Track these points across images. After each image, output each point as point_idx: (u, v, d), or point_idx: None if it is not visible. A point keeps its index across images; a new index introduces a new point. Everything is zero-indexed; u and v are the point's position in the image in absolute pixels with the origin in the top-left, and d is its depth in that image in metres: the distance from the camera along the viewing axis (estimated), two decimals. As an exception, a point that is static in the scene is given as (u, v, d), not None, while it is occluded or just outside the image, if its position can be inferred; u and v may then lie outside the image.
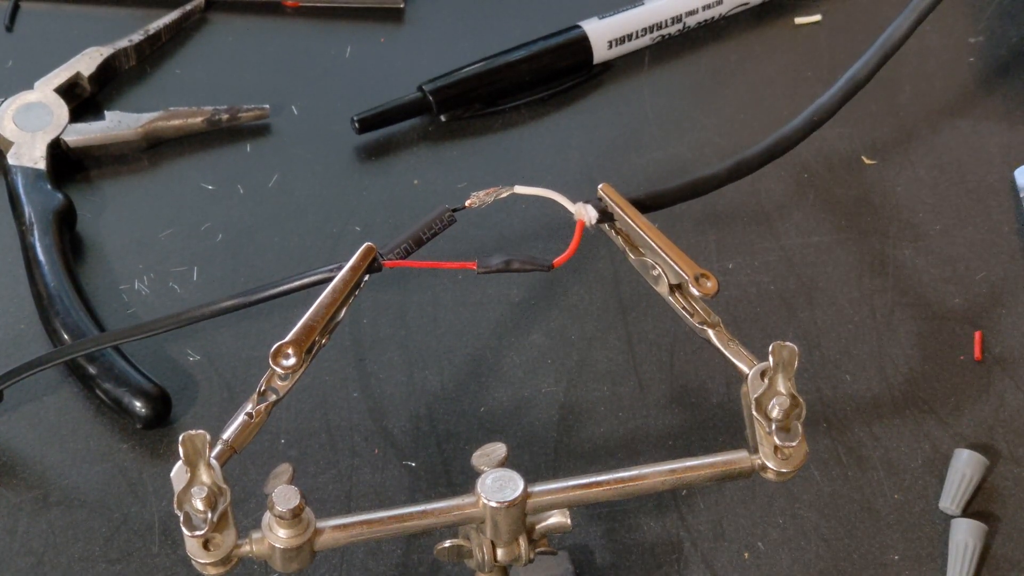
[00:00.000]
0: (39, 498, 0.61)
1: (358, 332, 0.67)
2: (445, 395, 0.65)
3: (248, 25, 0.80)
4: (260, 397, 0.53)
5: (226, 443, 0.51)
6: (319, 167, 0.74)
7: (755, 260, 0.70)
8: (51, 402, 0.64)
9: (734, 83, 0.78)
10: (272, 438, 0.63)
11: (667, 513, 0.61)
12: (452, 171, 0.73)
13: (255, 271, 0.69)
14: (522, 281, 0.69)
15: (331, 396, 0.64)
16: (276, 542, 0.48)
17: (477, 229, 0.70)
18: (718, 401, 0.64)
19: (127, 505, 0.61)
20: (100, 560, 0.59)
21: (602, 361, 0.66)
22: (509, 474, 0.50)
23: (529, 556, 0.51)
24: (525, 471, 0.50)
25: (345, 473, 0.62)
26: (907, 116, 0.76)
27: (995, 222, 0.72)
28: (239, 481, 0.60)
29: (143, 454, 0.62)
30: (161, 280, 0.69)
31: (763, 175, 0.69)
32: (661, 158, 0.74)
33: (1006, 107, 0.77)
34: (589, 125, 0.76)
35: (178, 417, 0.64)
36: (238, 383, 0.65)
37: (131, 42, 0.77)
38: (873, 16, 0.80)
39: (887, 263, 0.70)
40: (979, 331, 0.67)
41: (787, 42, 0.80)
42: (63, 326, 0.64)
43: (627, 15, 0.78)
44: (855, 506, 0.61)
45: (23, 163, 0.70)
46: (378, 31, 0.80)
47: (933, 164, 0.74)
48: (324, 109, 0.76)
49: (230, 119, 0.74)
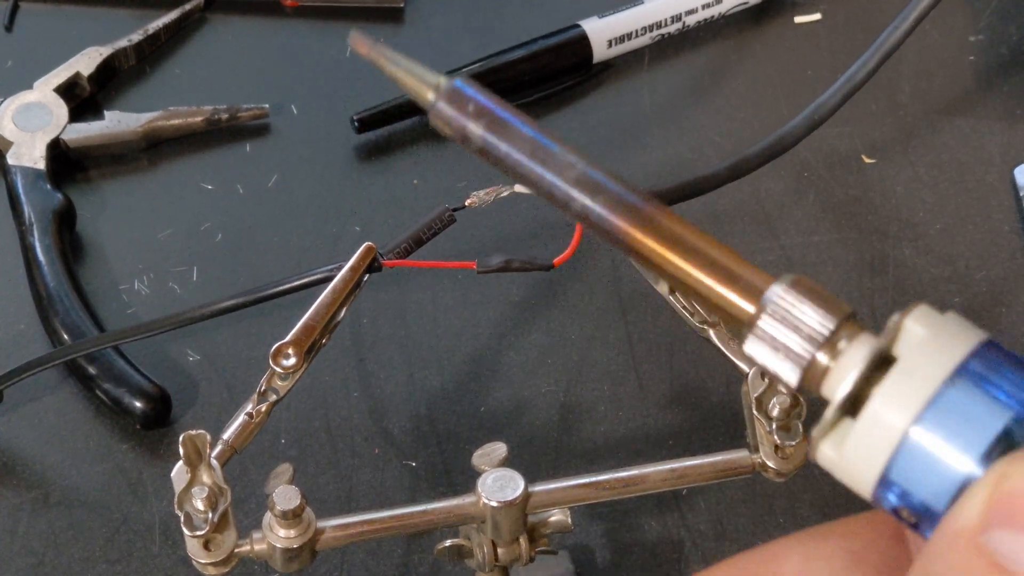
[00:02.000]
0: (39, 498, 0.61)
1: (358, 332, 0.67)
2: (445, 395, 0.65)
3: (247, 25, 0.80)
4: (260, 397, 0.53)
5: (226, 443, 0.51)
6: (319, 167, 0.74)
7: (755, 259, 0.69)
8: (51, 402, 0.64)
9: (734, 82, 0.78)
10: (272, 438, 0.63)
11: (668, 512, 0.61)
12: (452, 170, 0.73)
13: (255, 271, 0.69)
14: (522, 281, 0.69)
15: (331, 396, 0.64)
16: (276, 542, 0.48)
17: (477, 229, 0.70)
18: (718, 400, 0.64)
19: (127, 505, 0.61)
20: (100, 560, 0.59)
21: (602, 361, 0.66)
22: (510, 474, 0.50)
23: (530, 556, 0.51)
24: (525, 471, 0.50)
25: (345, 473, 0.62)
26: (907, 115, 0.76)
27: (995, 221, 0.72)
28: (239, 481, 0.60)
29: (143, 454, 0.62)
30: (161, 280, 0.69)
31: (763, 174, 0.69)
32: (660, 157, 0.74)
33: (1006, 106, 0.77)
34: (588, 124, 0.76)
35: (178, 417, 0.64)
36: (238, 383, 0.65)
37: (131, 42, 0.77)
38: (873, 15, 0.80)
39: (887, 262, 0.70)
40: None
41: (787, 41, 0.80)
42: (63, 326, 0.64)
43: (627, 14, 0.78)
44: (856, 506, 0.61)
45: (22, 163, 0.70)
46: (378, 31, 0.80)
47: (933, 163, 0.74)
48: (324, 109, 0.76)
49: (230, 119, 0.74)
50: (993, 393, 0.30)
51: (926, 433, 0.30)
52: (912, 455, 0.30)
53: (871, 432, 0.30)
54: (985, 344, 0.31)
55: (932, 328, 0.31)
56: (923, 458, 0.30)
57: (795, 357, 0.31)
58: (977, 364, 0.30)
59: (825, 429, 0.31)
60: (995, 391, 0.30)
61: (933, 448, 0.30)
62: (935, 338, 0.31)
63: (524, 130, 0.34)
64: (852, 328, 0.31)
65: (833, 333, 0.31)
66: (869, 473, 0.31)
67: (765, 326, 0.32)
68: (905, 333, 0.31)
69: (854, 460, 0.31)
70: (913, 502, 0.31)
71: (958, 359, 0.30)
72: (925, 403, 0.30)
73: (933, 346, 0.31)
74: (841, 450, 0.31)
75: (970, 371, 0.30)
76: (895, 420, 0.30)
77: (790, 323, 0.31)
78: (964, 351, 0.30)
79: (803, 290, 0.32)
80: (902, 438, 0.30)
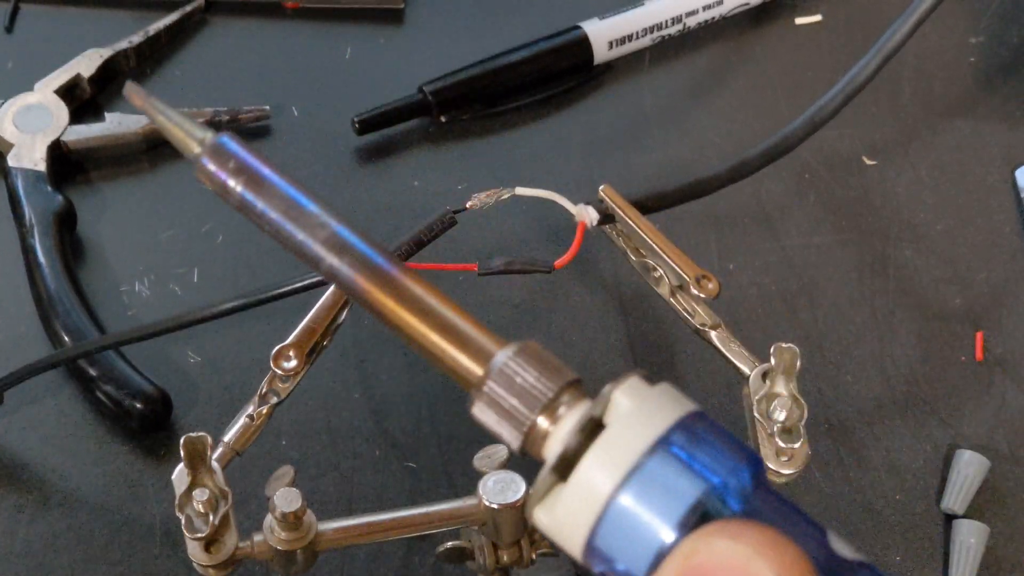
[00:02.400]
0: (40, 500, 0.61)
1: (359, 334, 0.67)
2: (446, 396, 0.65)
3: (248, 26, 0.80)
4: (261, 399, 0.53)
5: (227, 445, 0.51)
6: (319, 168, 0.74)
7: (756, 261, 0.70)
8: (51, 404, 0.64)
9: (735, 84, 0.78)
10: (273, 440, 0.63)
11: (668, 514, 0.61)
12: (452, 172, 0.73)
13: (256, 273, 0.69)
14: (523, 283, 0.69)
15: (332, 398, 0.64)
16: (277, 544, 0.48)
17: (478, 231, 0.70)
18: (719, 403, 0.64)
19: (128, 507, 0.61)
20: (101, 562, 0.59)
21: (603, 362, 0.66)
22: (511, 476, 0.50)
23: (530, 558, 0.51)
24: (526, 473, 0.50)
25: (346, 475, 0.62)
26: (908, 116, 0.76)
27: (996, 222, 0.72)
28: (240, 483, 0.60)
29: (144, 456, 0.62)
30: (161, 282, 0.69)
31: (764, 176, 0.69)
32: (662, 159, 0.74)
33: (1007, 107, 0.77)
34: (590, 126, 0.76)
35: (179, 419, 0.64)
36: (239, 385, 0.65)
37: (131, 43, 0.77)
38: (874, 16, 0.80)
39: (888, 264, 0.70)
40: (980, 331, 0.67)
41: (788, 43, 0.80)
42: (64, 328, 0.64)
43: (627, 16, 0.78)
44: (857, 507, 0.61)
45: (23, 165, 0.70)
46: (378, 32, 0.80)
47: (934, 164, 0.74)
48: (324, 110, 0.76)
49: (230, 120, 0.74)
50: (691, 464, 0.31)
51: (624, 501, 0.31)
52: (613, 522, 0.31)
53: (577, 496, 0.31)
54: (691, 416, 0.32)
55: (638, 399, 0.32)
56: (623, 525, 0.31)
57: (516, 422, 0.32)
58: (679, 436, 0.31)
59: (541, 493, 0.32)
60: (693, 463, 0.31)
61: (631, 516, 0.31)
62: (640, 409, 0.31)
63: (281, 188, 0.35)
64: (574, 394, 0.32)
65: (553, 399, 0.32)
66: (577, 538, 0.32)
67: (489, 390, 0.32)
68: (614, 404, 0.32)
69: (564, 524, 0.32)
70: (617, 570, 0.31)
71: (660, 431, 0.31)
72: (626, 472, 0.31)
73: (637, 417, 0.31)
74: (552, 514, 0.32)
75: (671, 442, 0.31)
76: (598, 486, 0.31)
77: (515, 388, 0.32)
78: (667, 423, 0.31)
79: (529, 356, 0.33)
80: (604, 504, 0.31)
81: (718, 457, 0.31)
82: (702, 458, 0.31)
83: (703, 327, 0.56)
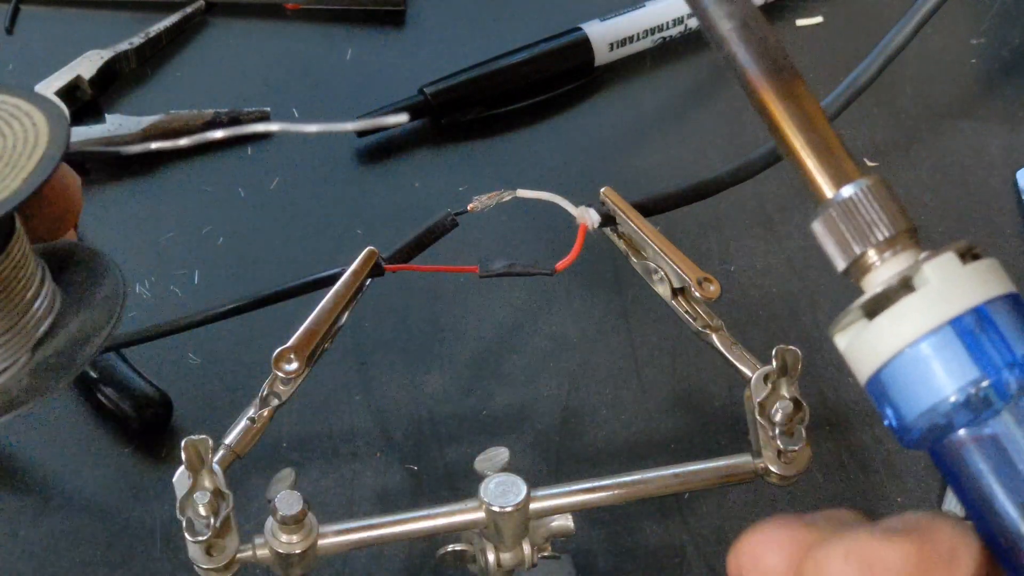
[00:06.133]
0: (40, 502, 0.61)
1: (360, 336, 0.66)
2: (447, 399, 0.65)
3: (249, 28, 0.80)
4: (262, 402, 0.53)
5: (228, 448, 0.51)
6: (320, 170, 0.74)
7: (757, 263, 0.70)
8: (52, 406, 0.64)
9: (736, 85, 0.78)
10: (274, 443, 0.63)
11: (670, 517, 0.61)
12: (453, 174, 0.73)
13: (256, 275, 0.69)
14: (524, 285, 0.69)
15: (333, 400, 0.64)
16: (278, 547, 0.48)
17: (479, 233, 0.70)
18: (721, 405, 0.64)
19: (128, 510, 0.61)
20: (101, 565, 0.59)
21: (604, 365, 0.66)
22: (512, 479, 0.50)
23: (532, 560, 0.51)
24: (528, 475, 0.50)
25: (347, 478, 0.62)
26: (909, 118, 0.76)
27: (997, 224, 0.72)
28: (241, 486, 0.60)
29: (144, 459, 0.62)
30: (162, 284, 0.68)
31: (765, 178, 0.69)
32: (663, 161, 0.74)
33: (1008, 109, 0.77)
34: (591, 128, 0.76)
35: (180, 421, 0.63)
36: (240, 387, 0.64)
37: (132, 45, 0.77)
38: (875, 18, 0.80)
39: (889, 266, 0.70)
40: (982, 334, 0.67)
41: (789, 44, 0.79)
42: (64, 330, 0.64)
43: (628, 17, 0.78)
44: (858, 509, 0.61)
45: (24, 167, 0.70)
46: (379, 33, 0.80)
47: (935, 166, 0.74)
48: (325, 112, 0.76)
49: (231, 122, 0.74)
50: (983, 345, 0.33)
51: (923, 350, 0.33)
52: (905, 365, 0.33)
53: (881, 334, 0.34)
54: (1004, 298, 0.33)
55: (966, 267, 0.33)
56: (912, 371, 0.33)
57: (848, 247, 0.35)
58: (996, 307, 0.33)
59: (844, 323, 0.35)
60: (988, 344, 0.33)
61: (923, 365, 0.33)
62: (965, 276, 0.33)
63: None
64: (907, 241, 0.34)
65: (888, 240, 0.34)
66: (868, 367, 0.34)
67: (835, 211, 0.35)
68: (941, 262, 0.33)
69: (861, 352, 0.35)
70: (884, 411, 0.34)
71: (975, 302, 0.33)
72: (931, 327, 0.33)
73: (959, 283, 0.33)
74: (853, 342, 0.35)
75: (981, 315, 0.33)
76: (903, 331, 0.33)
77: (856, 218, 0.35)
78: (981, 297, 0.33)
79: (879, 193, 0.35)
80: (902, 347, 0.33)
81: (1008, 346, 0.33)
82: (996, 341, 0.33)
83: (704, 329, 0.56)
